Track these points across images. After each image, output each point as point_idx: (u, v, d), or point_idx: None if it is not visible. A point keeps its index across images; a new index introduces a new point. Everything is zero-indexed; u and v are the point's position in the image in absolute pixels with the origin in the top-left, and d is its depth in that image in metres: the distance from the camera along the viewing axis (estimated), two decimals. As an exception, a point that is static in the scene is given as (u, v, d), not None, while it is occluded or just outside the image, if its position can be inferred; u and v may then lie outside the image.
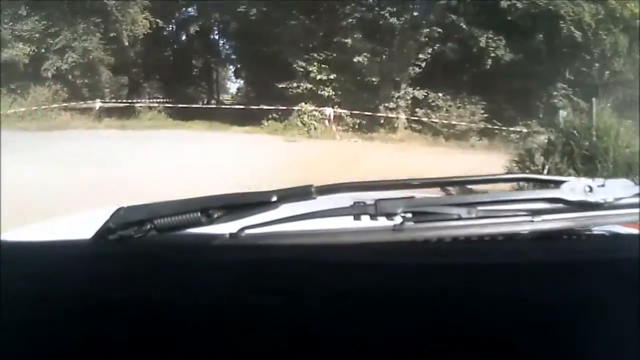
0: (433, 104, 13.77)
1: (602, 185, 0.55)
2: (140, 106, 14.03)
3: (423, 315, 0.35)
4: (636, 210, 0.54)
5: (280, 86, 13.40)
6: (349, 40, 12.77)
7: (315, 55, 13.16)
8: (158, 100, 14.73)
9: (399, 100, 13.52)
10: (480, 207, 0.53)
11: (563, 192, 0.54)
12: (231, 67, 19.22)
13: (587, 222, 0.56)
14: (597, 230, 0.60)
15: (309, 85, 13.29)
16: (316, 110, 12.78)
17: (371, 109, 13.22)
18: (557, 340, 0.32)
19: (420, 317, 0.35)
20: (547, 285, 0.39)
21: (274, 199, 0.51)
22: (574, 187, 0.54)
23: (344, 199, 0.54)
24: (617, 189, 0.55)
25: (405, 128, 13.48)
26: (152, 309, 0.36)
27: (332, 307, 0.36)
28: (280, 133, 12.44)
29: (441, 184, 0.60)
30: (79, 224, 0.86)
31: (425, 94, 13.67)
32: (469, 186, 0.68)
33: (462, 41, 13.04)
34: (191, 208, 0.50)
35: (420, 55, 13.35)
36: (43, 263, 0.46)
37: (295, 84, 13.28)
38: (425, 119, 13.51)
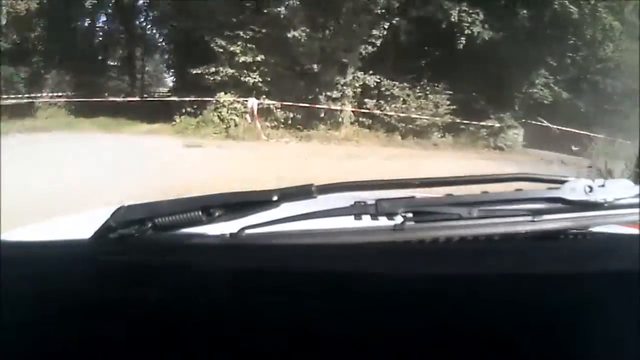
0: (387, 93, 11.96)
1: (602, 185, 0.59)
2: (40, 102, 12.48)
3: (423, 315, 0.37)
4: (636, 210, 0.59)
5: (194, 72, 11.44)
6: (282, 10, 9.86)
7: (241, 32, 11.24)
8: (46, 95, 12.99)
9: (344, 88, 11.75)
10: (480, 207, 0.57)
11: (563, 192, 0.58)
12: (163, 56, 17.32)
13: (587, 222, 0.60)
14: (597, 230, 0.64)
15: (231, 71, 11.30)
16: (238, 102, 9.89)
17: (309, 99, 11.07)
18: (557, 341, 0.34)
19: (420, 317, 0.37)
20: (547, 285, 0.42)
21: (275, 198, 0.55)
22: (574, 187, 0.59)
23: (345, 199, 0.59)
24: (617, 189, 0.59)
25: (352, 123, 11.19)
26: (152, 308, 0.38)
27: (332, 307, 0.38)
28: (191, 132, 11.21)
29: (441, 183, 0.63)
30: (79, 224, 0.88)
31: (378, 81, 11.88)
32: (469, 186, 0.64)
33: (428, 15, 11.30)
34: (192, 207, 0.54)
35: (374, 32, 11.49)
36: (43, 263, 0.49)
37: (213, 69, 10.52)
38: (377, 112, 10.97)
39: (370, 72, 11.60)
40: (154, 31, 16.64)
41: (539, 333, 0.34)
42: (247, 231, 0.54)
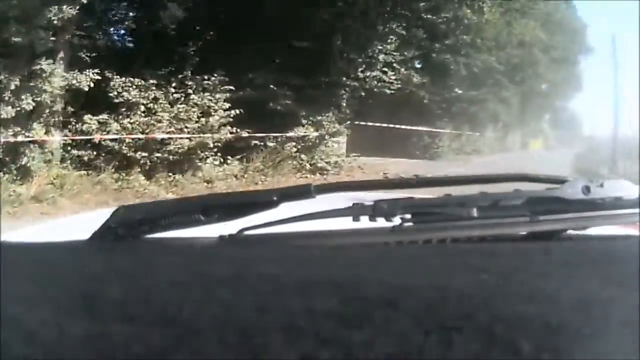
0: (119, 100, 6.67)
1: (601, 186, 0.60)
2: None
3: (423, 315, 0.38)
4: (636, 210, 0.60)
5: None
6: None
7: None
8: None
9: (24, 97, 5.59)
10: (479, 208, 0.58)
11: (562, 192, 0.60)
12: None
13: (586, 222, 0.61)
14: (596, 230, 0.65)
15: None
16: None
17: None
18: (556, 342, 0.34)
19: (419, 318, 0.38)
20: (546, 286, 0.43)
21: (274, 198, 0.57)
22: (574, 187, 0.60)
23: (343, 199, 0.61)
24: (616, 189, 0.61)
25: (62, 162, 6.19)
26: (151, 309, 0.39)
27: (330, 309, 0.39)
28: None
29: (440, 183, 0.64)
30: (79, 224, 0.90)
31: (98, 78, 6.28)
32: (468, 186, 0.65)
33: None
34: (191, 208, 0.56)
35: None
36: (43, 263, 0.50)
37: None
38: (95, 137, 6.41)
39: (67, 60, 6.05)
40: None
41: (537, 334, 0.34)
42: (246, 232, 0.56)
